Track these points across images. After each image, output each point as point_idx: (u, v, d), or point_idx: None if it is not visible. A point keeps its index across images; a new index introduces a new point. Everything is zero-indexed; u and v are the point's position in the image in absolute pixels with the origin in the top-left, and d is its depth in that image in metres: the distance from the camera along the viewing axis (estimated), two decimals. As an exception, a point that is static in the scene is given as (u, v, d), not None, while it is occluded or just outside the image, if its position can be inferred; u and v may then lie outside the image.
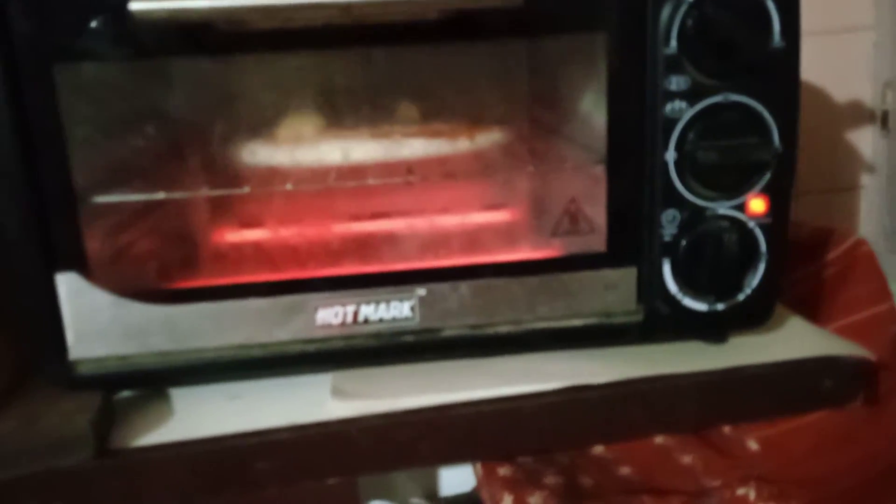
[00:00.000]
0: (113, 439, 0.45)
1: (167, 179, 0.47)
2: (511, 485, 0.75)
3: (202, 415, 0.48)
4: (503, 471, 0.77)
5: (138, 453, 0.44)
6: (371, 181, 0.50)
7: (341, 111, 0.51)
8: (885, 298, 0.68)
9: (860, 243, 0.69)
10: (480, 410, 0.46)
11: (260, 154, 0.50)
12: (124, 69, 0.44)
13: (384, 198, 0.51)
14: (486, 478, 0.80)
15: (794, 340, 0.51)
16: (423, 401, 0.47)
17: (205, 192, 0.48)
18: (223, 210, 0.49)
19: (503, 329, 0.49)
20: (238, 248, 0.49)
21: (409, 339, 0.48)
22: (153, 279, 0.48)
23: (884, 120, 0.90)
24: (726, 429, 0.71)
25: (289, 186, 0.49)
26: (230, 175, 0.49)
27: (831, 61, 0.89)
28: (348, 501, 0.84)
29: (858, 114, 0.93)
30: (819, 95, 0.90)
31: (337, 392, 0.48)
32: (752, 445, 0.69)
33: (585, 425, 0.47)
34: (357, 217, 0.50)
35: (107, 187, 0.46)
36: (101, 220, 0.46)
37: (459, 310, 0.48)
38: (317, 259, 0.49)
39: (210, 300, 0.47)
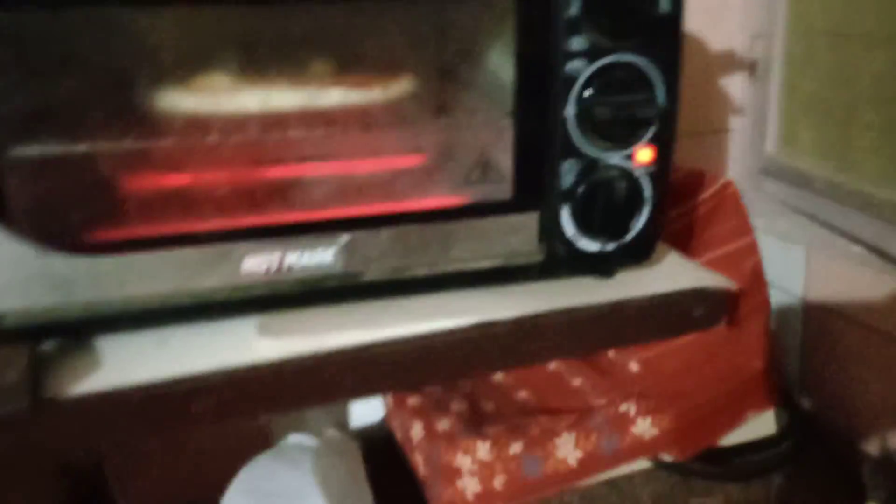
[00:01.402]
0: (46, 389, 0.46)
1: (88, 130, 0.47)
2: (420, 413, 0.81)
3: (133, 362, 0.49)
4: (412, 401, 0.83)
5: (74, 402, 0.46)
6: (291, 131, 0.52)
7: (260, 61, 0.52)
8: (746, 233, 0.78)
9: (727, 185, 0.78)
10: (399, 348, 0.51)
11: (181, 103, 0.51)
12: (39, 18, 0.44)
13: (305, 147, 0.53)
14: (396, 408, 0.86)
15: (670, 274, 0.59)
16: (347, 339, 0.51)
17: (127, 144, 0.48)
18: (147, 159, 0.49)
19: (420, 272, 0.53)
20: (163, 197, 0.49)
21: (332, 283, 0.52)
22: (77, 230, 0.48)
23: (752, 68, 0.99)
24: (611, 353, 0.80)
25: (212, 138, 0.50)
26: (152, 125, 0.49)
27: (708, 13, 0.97)
28: (262, 436, 0.88)
29: (730, 62, 1.01)
30: (695, 44, 0.97)
31: (264, 330, 0.51)
32: (633, 367, 0.78)
33: (493, 356, 0.52)
34: (279, 165, 0.52)
35: (25, 139, 0.46)
36: (20, 172, 0.46)
37: (379, 255, 0.52)
38: (241, 208, 0.50)
39: (136, 251, 0.48)
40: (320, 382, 0.49)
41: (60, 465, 0.69)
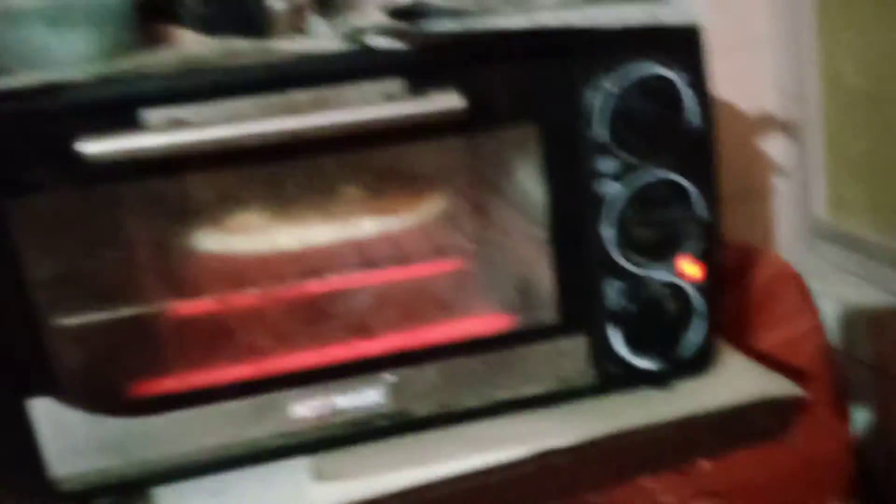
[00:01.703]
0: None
1: (129, 295, 0.49)
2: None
3: (188, 518, 0.49)
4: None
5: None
6: (328, 264, 0.52)
7: (290, 198, 0.53)
8: (809, 314, 0.74)
9: (784, 265, 0.75)
10: (456, 488, 0.49)
11: (217, 246, 0.52)
12: (76, 198, 0.45)
13: (343, 278, 0.53)
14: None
15: (733, 381, 0.56)
16: (402, 478, 0.50)
17: (169, 303, 0.49)
18: (188, 316, 0.50)
19: (470, 402, 0.52)
20: (205, 346, 0.50)
21: (383, 422, 0.51)
22: (124, 391, 0.49)
23: (790, 129, 0.96)
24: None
25: (251, 280, 0.50)
26: (189, 283, 0.50)
27: (738, 76, 0.95)
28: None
29: (767, 124, 0.99)
30: (728, 109, 0.96)
31: (318, 475, 0.50)
32: (704, 465, 0.74)
33: (552, 489, 0.50)
34: (318, 296, 0.52)
35: (69, 308, 0.47)
36: (65, 340, 0.47)
37: (428, 391, 0.51)
38: (285, 349, 0.51)
39: (182, 407, 0.49)
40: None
41: None
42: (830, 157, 0.94)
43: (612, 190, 0.49)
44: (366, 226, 0.54)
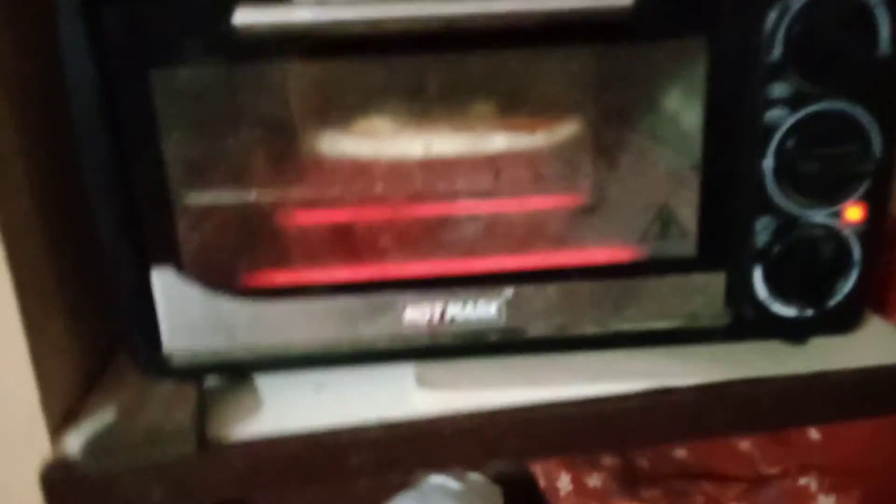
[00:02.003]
0: (210, 429, 0.46)
1: (257, 178, 0.48)
2: (568, 464, 0.76)
3: (291, 406, 0.49)
4: (560, 449, 0.79)
5: (235, 448, 0.46)
6: (453, 176, 0.50)
7: (422, 106, 0.51)
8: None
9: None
10: (567, 412, 0.47)
11: (342, 148, 0.50)
12: (219, 73, 0.44)
13: (468, 193, 0.50)
14: (542, 455, 0.82)
15: (874, 343, 0.51)
16: (508, 396, 0.48)
17: (289, 189, 0.48)
18: (309, 204, 0.49)
19: (588, 330, 0.49)
20: (325, 242, 0.49)
21: (494, 337, 0.49)
22: (242, 274, 0.48)
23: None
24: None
25: (374, 183, 0.49)
26: (313, 170, 0.49)
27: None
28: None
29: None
30: None
31: (422, 381, 0.49)
32: (814, 435, 0.69)
33: (668, 427, 0.48)
34: (441, 209, 0.50)
35: (198, 187, 0.47)
36: (192, 218, 0.47)
37: (545, 311, 0.49)
38: (403, 255, 0.49)
39: (299, 297, 0.48)
40: (482, 443, 0.47)
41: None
42: None
43: (780, 119, 0.44)
44: (497, 141, 0.52)
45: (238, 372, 0.51)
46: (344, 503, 0.78)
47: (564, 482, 0.74)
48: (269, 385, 0.51)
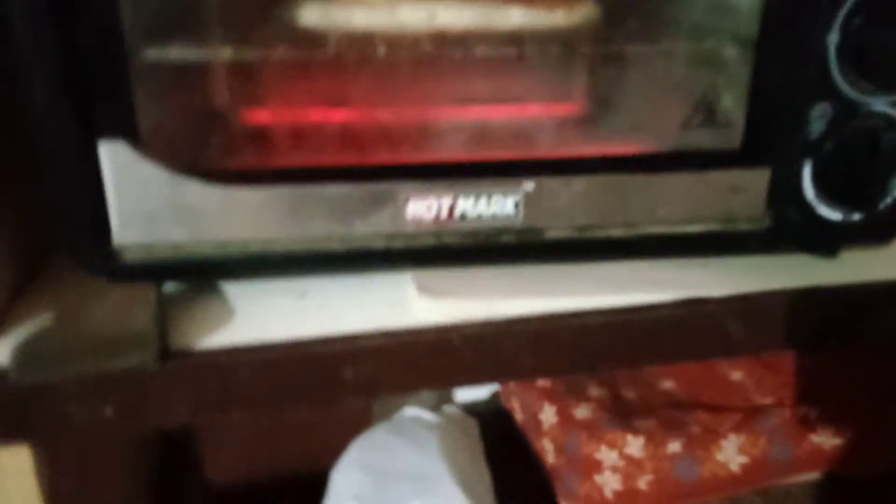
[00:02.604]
0: (172, 339, 0.39)
1: (233, 34, 0.39)
2: (552, 396, 0.72)
3: (270, 314, 0.41)
4: (541, 381, 0.74)
5: (205, 357, 0.38)
6: (462, 54, 0.43)
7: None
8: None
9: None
10: (590, 322, 0.41)
11: (333, 17, 0.42)
12: None
13: (479, 75, 0.43)
14: (519, 388, 0.77)
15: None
16: (523, 307, 0.42)
17: (274, 56, 0.40)
18: (297, 79, 0.41)
19: (614, 232, 0.43)
20: (315, 124, 0.41)
21: (509, 239, 0.43)
22: (215, 155, 0.40)
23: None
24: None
25: (371, 60, 0.41)
26: (301, 39, 0.41)
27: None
28: (363, 406, 0.80)
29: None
30: None
31: (424, 289, 0.42)
32: (809, 364, 0.66)
33: (704, 341, 0.43)
34: (451, 94, 0.43)
35: (163, 38, 0.38)
36: (155, 80, 0.38)
37: (568, 209, 0.42)
38: (406, 143, 0.42)
39: (282, 183, 0.40)
40: (495, 358, 0.41)
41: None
42: None
43: (848, -13, 0.39)
44: (512, 16, 0.44)
45: (205, 274, 0.43)
46: (303, 440, 0.72)
47: (548, 414, 0.69)
48: (241, 292, 0.44)
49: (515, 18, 0.44)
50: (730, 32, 0.42)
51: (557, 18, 0.45)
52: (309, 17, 0.41)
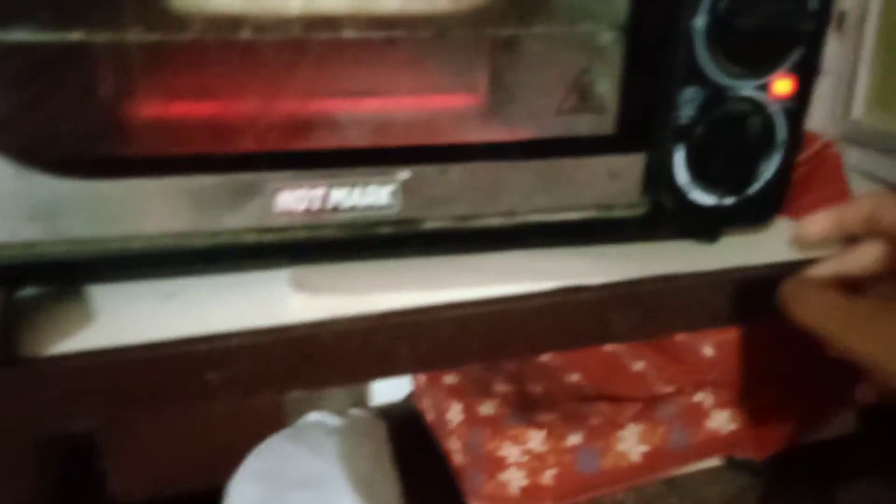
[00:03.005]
0: (21, 345, 0.36)
1: (86, 16, 0.37)
2: (458, 393, 0.71)
3: (132, 316, 0.39)
4: (449, 379, 0.73)
5: (55, 362, 0.36)
6: (340, 39, 0.41)
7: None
8: (844, 199, 0.67)
9: (827, 145, 0.67)
10: (468, 313, 0.41)
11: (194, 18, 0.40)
12: None
13: (355, 62, 0.42)
14: (429, 386, 0.76)
15: (783, 241, 0.48)
16: (402, 300, 0.41)
17: (134, 40, 0.38)
18: (159, 65, 0.39)
19: (494, 221, 0.43)
20: (178, 113, 0.39)
21: (386, 230, 0.41)
22: (69, 146, 0.38)
23: (839, 21, 0.87)
24: (680, 335, 0.70)
25: (241, 44, 0.39)
26: (166, 21, 0.39)
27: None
28: (275, 412, 0.78)
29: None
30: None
31: (299, 284, 0.41)
32: (708, 351, 0.68)
33: (580, 329, 0.42)
34: (326, 83, 0.41)
35: (6, 20, 0.35)
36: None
37: (446, 197, 0.41)
38: (276, 134, 0.40)
39: (142, 175, 0.38)
40: (369, 353, 0.39)
41: (47, 440, 0.60)
42: (882, 53, 0.86)
43: (711, -29, 0.39)
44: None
45: (61, 276, 0.41)
46: (212, 449, 0.69)
47: (455, 412, 0.69)
48: (104, 294, 0.41)
49: (394, 3, 0.43)
50: (604, 17, 0.42)
51: (439, 4, 0.44)
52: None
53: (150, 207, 0.38)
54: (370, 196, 0.41)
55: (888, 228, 0.35)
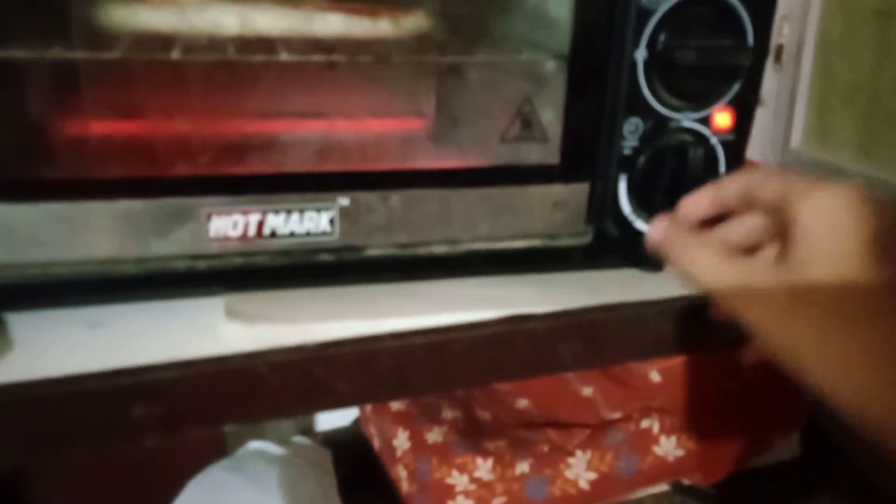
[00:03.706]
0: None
1: (13, 32, 0.35)
2: (405, 420, 0.69)
3: (52, 348, 0.37)
4: (396, 405, 0.72)
5: (-35, 398, 0.33)
6: (277, 62, 0.40)
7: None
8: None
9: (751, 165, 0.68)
10: (410, 343, 0.39)
11: (134, 17, 0.39)
12: None
13: (295, 87, 0.41)
14: (376, 413, 0.74)
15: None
16: (341, 329, 0.40)
17: (58, 52, 0.36)
18: (85, 83, 0.37)
19: (437, 250, 0.42)
20: (105, 134, 0.37)
21: (326, 258, 0.40)
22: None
23: (777, 54, 0.90)
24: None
25: (176, 55, 0.38)
26: (93, 39, 0.37)
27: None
28: (216, 441, 0.76)
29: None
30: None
31: (233, 313, 0.39)
32: (654, 377, 0.68)
33: (525, 358, 0.42)
34: (263, 105, 0.40)
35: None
36: None
37: (388, 225, 0.40)
38: (210, 154, 0.39)
39: (64, 199, 0.36)
40: (307, 386, 0.38)
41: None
42: (818, 86, 0.88)
43: (655, 3, 0.39)
44: (331, 22, 0.42)
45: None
46: (149, 480, 0.66)
47: (402, 439, 0.67)
48: (21, 323, 0.39)
49: (333, 26, 0.42)
50: (548, 47, 0.42)
51: (380, 29, 0.43)
52: (98, 16, 0.38)
53: (72, 232, 0.36)
54: (309, 223, 0.39)
55: (762, 201, 0.36)
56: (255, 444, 0.66)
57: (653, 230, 0.40)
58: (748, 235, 0.38)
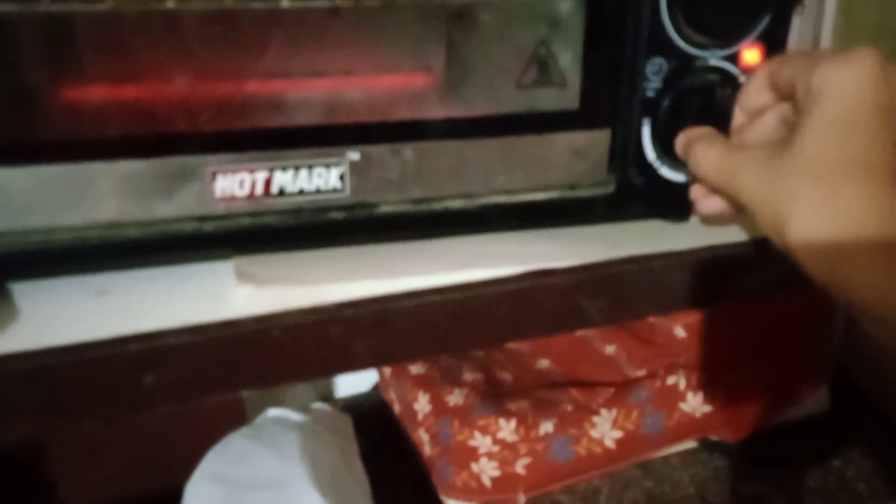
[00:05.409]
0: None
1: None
2: (426, 383, 0.68)
3: (59, 316, 0.36)
4: (416, 369, 0.71)
5: (-30, 369, 0.32)
6: (280, 5, 0.38)
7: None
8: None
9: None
10: (428, 301, 0.38)
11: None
12: None
13: (300, 34, 0.39)
14: (395, 377, 0.73)
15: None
16: (356, 290, 0.38)
17: (48, 5, 0.34)
18: (78, 38, 0.35)
19: (453, 204, 0.40)
20: (99, 91, 0.36)
21: (337, 216, 0.39)
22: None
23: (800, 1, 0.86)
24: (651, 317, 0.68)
25: (169, 4, 0.36)
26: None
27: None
28: (235, 409, 0.75)
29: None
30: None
31: (243, 276, 0.38)
32: (679, 332, 0.66)
33: (548, 315, 0.40)
34: (266, 58, 0.38)
35: None
36: None
37: (401, 180, 0.39)
38: (212, 110, 0.37)
39: (64, 161, 0.35)
40: (323, 349, 0.36)
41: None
42: (842, 33, 0.84)
43: (676, -68, 0.37)
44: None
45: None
46: (167, 450, 0.66)
47: (422, 403, 0.66)
48: (28, 292, 0.38)
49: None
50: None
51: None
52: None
53: (72, 196, 0.35)
54: (318, 179, 0.38)
55: (784, 84, 0.35)
56: (274, 412, 0.65)
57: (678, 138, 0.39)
58: (763, 133, 0.37)
